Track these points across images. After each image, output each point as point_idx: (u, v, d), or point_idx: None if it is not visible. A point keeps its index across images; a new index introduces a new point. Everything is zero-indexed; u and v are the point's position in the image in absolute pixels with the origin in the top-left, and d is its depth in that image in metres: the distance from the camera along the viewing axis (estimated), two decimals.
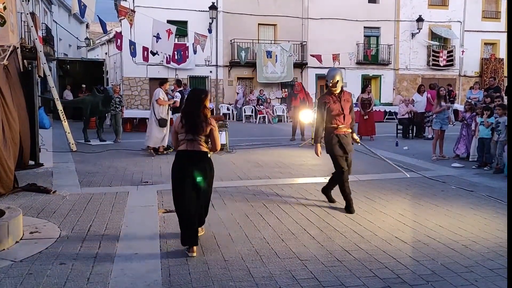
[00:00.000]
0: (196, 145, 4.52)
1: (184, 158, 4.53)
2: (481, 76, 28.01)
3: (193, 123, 4.49)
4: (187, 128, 4.50)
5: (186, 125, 4.51)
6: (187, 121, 4.51)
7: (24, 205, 6.12)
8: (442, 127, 10.41)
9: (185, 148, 4.52)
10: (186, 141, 4.52)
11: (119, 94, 14.08)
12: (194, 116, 4.51)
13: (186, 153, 4.52)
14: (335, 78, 6.01)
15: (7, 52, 8.02)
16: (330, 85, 6.05)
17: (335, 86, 6.03)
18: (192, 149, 4.51)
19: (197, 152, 4.52)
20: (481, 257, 4.40)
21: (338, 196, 6.87)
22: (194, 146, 4.51)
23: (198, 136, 4.51)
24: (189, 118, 4.52)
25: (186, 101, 4.72)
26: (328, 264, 4.20)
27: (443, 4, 27.96)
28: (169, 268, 4.07)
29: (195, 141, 4.51)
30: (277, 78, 24.84)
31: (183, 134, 4.54)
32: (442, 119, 10.41)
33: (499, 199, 6.60)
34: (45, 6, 26.37)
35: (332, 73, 6.08)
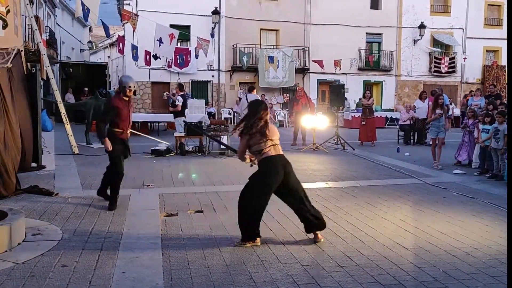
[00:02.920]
0: (277, 148, 4.88)
1: (276, 163, 4.80)
2: (483, 83, 28.04)
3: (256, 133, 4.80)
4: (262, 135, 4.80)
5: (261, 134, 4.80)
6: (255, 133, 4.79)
7: (26, 207, 6.13)
8: (438, 134, 10.23)
9: (271, 154, 4.81)
10: (270, 147, 4.82)
11: None
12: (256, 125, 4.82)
13: (276, 158, 4.83)
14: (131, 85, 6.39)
15: (11, 55, 8.05)
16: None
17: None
18: (279, 153, 4.87)
19: (283, 155, 4.92)
20: (482, 264, 4.40)
21: (340, 200, 6.88)
22: (278, 150, 4.87)
23: (275, 140, 4.87)
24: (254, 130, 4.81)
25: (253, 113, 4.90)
26: (330, 270, 4.20)
27: (446, 11, 28.03)
28: (170, 272, 4.07)
29: (276, 145, 4.87)
30: (278, 83, 24.90)
31: (262, 144, 4.80)
32: (437, 127, 10.21)
33: (500, 206, 6.60)
34: (48, 9, 26.48)
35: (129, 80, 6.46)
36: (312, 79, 26.28)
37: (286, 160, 4.87)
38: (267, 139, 4.78)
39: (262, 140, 4.79)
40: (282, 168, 4.78)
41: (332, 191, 7.70)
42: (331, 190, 7.75)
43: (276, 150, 4.84)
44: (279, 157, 4.83)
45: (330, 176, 9.08)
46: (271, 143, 4.81)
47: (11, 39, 8.89)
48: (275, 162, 4.79)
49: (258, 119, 4.81)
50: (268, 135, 4.79)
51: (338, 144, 13.67)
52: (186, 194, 7.20)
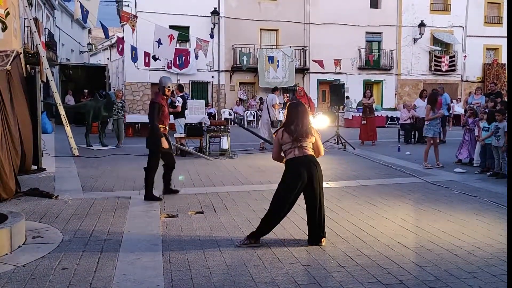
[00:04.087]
0: (304, 150, 4.81)
1: (300, 164, 4.76)
2: (483, 81, 28.02)
3: (304, 130, 4.81)
4: (297, 135, 4.78)
5: (297, 133, 4.78)
6: (297, 130, 4.79)
7: (27, 209, 6.12)
8: (435, 134, 10.13)
9: (295, 156, 4.78)
10: (294, 148, 4.80)
11: (122, 99, 14.11)
12: (305, 124, 4.84)
13: (300, 159, 4.78)
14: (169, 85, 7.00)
15: (10, 57, 8.05)
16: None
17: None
18: (305, 154, 4.80)
19: (311, 156, 4.84)
20: (484, 263, 4.38)
21: (341, 200, 6.87)
22: (304, 152, 4.80)
23: (307, 143, 4.83)
24: (299, 126, 4.82)
25: (291, 113, 4.92)
26: (331, 270, 4.18)
27: (445, 9, 28.02)
28: (171, 274, 4.06)
29: (303, 147, 4.81)
30: (278, 83, 24.84)
31: (289, 144, 4.80)
32: (434, 126, 10.11)
33: (502, 205, 6.58)
34: (48, 11, 26.49)
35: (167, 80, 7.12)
36: (312, 78, 26.28)
37: (312, 162, 4.81)
38: (294, 140, 4.77)
39: (290, 140, 4.80)
40: (305, 170, 4.73)
41: (333, 190, 7.69)
42: (332, 190, 7.73)
43: (301, 152, 4.79)
44: (303, 158, 4.77)
45: (331, 175, 9.06)
46: (296, 144, 4.77)
47: (10, 42, 8.89)
48: (296, 164, 4.77)
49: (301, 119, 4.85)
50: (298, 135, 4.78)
51: (339, 143, 13.66)
52: (187, 195, 7.20)
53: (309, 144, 4.85)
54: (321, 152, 5.04)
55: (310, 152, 4.85)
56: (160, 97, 6.87)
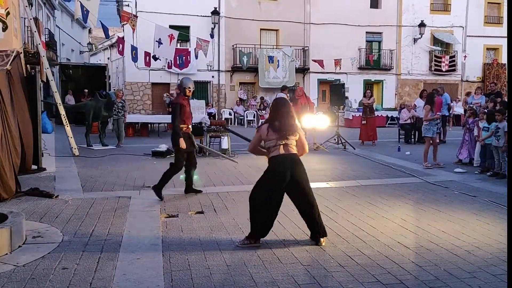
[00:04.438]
0: (289, 148, 4.77)
1: (283, 162, 4.74)
2: (483, 81, 28.02)
3: (288, 128, 4.76)
4: (282, 133, 4.74)
5: (281, 130, 4.74)
6: (281, 127, 4.74)
7: (27, 209, 6.13)
8: (434, 134, 10.08)
9: (279, 153, 4.75)
10: (278, 146, 4.75)
11: (122, 99, 14.11)
12: (289, 121, 4.79)
13: (284, 157, 4.74)
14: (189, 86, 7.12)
15: (10, 57, 8.05)
16: None
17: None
18: (288, 152, 4.76)
19: (293, 154, 4.80)
20: (484, 262, 4.39)
21: (341, 200, 6.87)
22: (288, 150, 4.76)
23: (291, 140, 4.78)
24: (284, 124, 4.76)
25: (275, 109, 4.90)
26: (331, 270, 4.19)
27: (445, 9, 28.01)
28: (171, 274, 4.07)
29: (288, 145, 4.77)
30: (279, 83, 24.81)
31: (274, 140, 4.75)
32: (433, 126, 10.05)
33: (502, 205, 6.58)
34: (48, 11, 26.49)
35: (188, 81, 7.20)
36: (313, 78, 26.28)
37: (295, 161, 4.80)
38: (280, 137, 4.74)
39: (274, 137, 4.76)
40: (289, 168, 4.72)
41: (333, 190, 7.69)
42: (332, 190, 7.74)
43: (286, 150, 4.76)
44: (287, 157, 4.75)
45: (331, 175, 9.07)
46: (281, 142, 4.74)
47: (11, 41, 8.89)
48: (280, 162, 4.74)
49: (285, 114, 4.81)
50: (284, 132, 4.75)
51: (339, 143, 13.66)
52: (187, 195, 7.20)
53: (293, 142, 4.82)
54: (306, 149, 5.00)
55: (294, 151, 4.82)
56: (181, 98, 7.07)
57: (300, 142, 4.91)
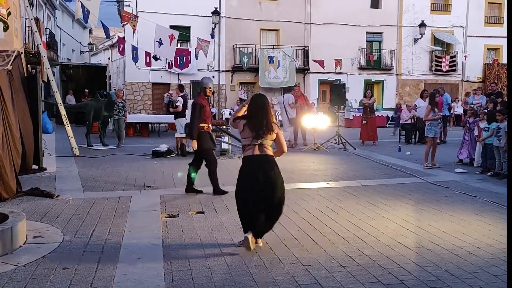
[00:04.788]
0: (263, 149, 4.61)
1: (254, 163, 4.62)
2: (484, 82, 27.99)
3: (263, 127, 4.60)
4: (256, 132, 4.59)
5: (255, 130, 4.59)
6: (256, 126, 4.60)
7: (28, 209, 6.13)
8: (436, 134, 10.09)
9: (253, 154, 4.62)
10: (253, 146, 4.60)
11: (122, 99, 14.11)
12: (264, 120, 4.61)
13: (255, 158, 4.61)
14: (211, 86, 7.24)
15: (11, 57, 8.05)
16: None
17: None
18: (261, 153, 4.61)
19: (266, 156, 4.63)
20: (485, 263, 4.38)
21: (342, 200, 6.86)
22: (262, 151, 4.61)
23: (266, 140, 4.62)
24: (258, 123, 4.61)
25: (252, 106, 4.75)
26: (331, 270, 4.18)
27: (446, 9, 27.99)
28: (172, 273, 4.06)
29: (263, 145, 4.61)
30: (279, 83, 24.88)
31: (249, 139, 4.61)
32: (436, 126, 10.05)
33: (502, 205, 6.58)
34: (49, 11, 26.50)
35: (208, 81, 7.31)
36: (313, 78, 26.27)
37: (269, 163, 4.62)
38: (255, 136, 4.58)
39: (250, 136, 4.61)
40: (261, 170, 4.57)
41: (333, 191, 7.69)
42: (332, 190, 7.73)
43: (260, 150, 4.59)
44: (260, 158, 4.60)
45: (332, 176, 9.07)
46: (256, 142, 4.58)
47: (12, 42, 8.89)
48: (253, 163, 4.62)
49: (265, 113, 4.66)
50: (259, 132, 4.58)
51: (339, 143, 13.66)
52: (187, 195, 7.20)
53: (269, 142, 4.66)
54: (284, 149, 4.83)
55: (269, 152, 4.65)
56: (201, 98, 7.17)
57: (278, 141, 4.77)
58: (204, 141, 7.09)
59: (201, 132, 7.06)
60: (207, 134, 7.14)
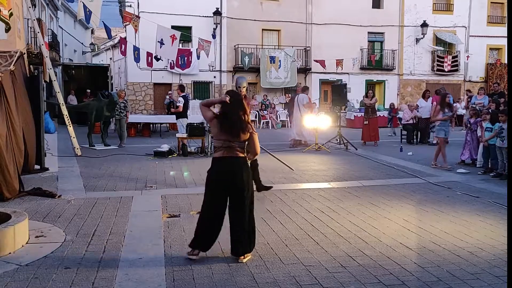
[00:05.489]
0: (234, 151, 4.39)
1: (222, 165, 4.41)
2: (486, 82, 27.92)
3: (233, 128, 4.37)
4: (226, 133, 4.37)
5: (225, 130, 4.37)
6: (226, 126, 4.38)
7: (30, 209, 6.14)
8: (446, 134, 10.05)
9: (222, 155, 4.40)
10: (224, 148, 4.39)
11: (124, 99, 14.12)
12: (235, 120, 4.39)
13: (224, 160, 4.40)
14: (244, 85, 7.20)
15: (14, 58, 8.08)
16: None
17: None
18: (230, 155, 4.39)
19: (235, 158, 4.40)
20: (487, 264, 4.38)
21: (343, 201, 6.86)
22: (232, 153, 4.39)
23: (237, 142, 4.40)
24: (229, 123, 4.38)
25: (224, 105, 4.51)
26: (332, 270, 4.18)
27: (448, 9, 27.93)
28: (173, 273, 4.07)
29: (233, 147, 4.39)
30: (280, 83, 24.87)
31: (221, 141, 4.40)
32: (446, 126, 10.02)
33: (505, 206, 6.56)
34: (51, 12, 26.54)
35: (242, 80, 7.28)
36: (314, 79, 26.24)
37: (239, 165, 4.40)
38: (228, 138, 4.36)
39: (222, 137, 4.39)
40: (230, 172, 4.37)
41: (335, 191, 7.69)
42: (334, 190, 7.73)
43: (231, 152, 4.37)
44: (230, 160, 4.38)
45: (333, 176, 9.06)
46: (228, 143, 4.36)
47: (14, 42, 8.91)
48: (222, 165, 4.40)
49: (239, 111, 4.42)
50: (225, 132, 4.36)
51: (341, 144, 13.65)
52: (189, 195, 7.20)
53: (241, 144, 4.42)
54: (257, 151, 4.60)
55: (240, 154, 4.42)
56: None
57: (251, 143, 4.52)
58: None
59: None
60: None
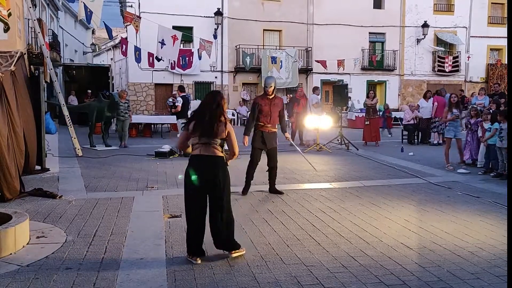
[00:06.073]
0: (210, 149, 4.34)
1: (198, 163, 4.37)
2: (487, 82, 27.93)
3: (208, 125, 4.30)
4: (201, 131, 4.31)
5: (200, 128, 4.32)
6: (201, 124, 4.32)
7: (31, 210, 6.15)
8: (456, 135, 9.98)
9: (199, 153, 4.36)
10: (200, 145, 4.34)
11: (126, 99, 14.11)
12: (210, 117, 4.31)
13: (200, 157, 4.36)
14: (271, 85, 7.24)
15: (14, 58, 8.08)
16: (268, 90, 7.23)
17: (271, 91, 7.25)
18: (207, 153, 4.34)
19: (212, 156, 4.35)
20: (487, 263, 4.38)
21: (344, 201, 6.86)
22: (208, 151, 4.34)
23: (213, 140, 4.32)
24: (204, 120, 4.32)
25: (201, 103, 4.54)
26: (334, 270, 4.19)
27: (449, 9, 27.95)
28: (174, 273, 4.07)
29: (210, 145, 4.33)
30: (282, 83, 24.85)
31: (197, 138, 4.35)
32: (455, 127, 9.95)
33: (505, 205, 6.56)
34: (51, 12, 26.58)
35: (269, 80, 7.35)
36: (316, 79, 26.25)
37: (216, 164, 4.35)
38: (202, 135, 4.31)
39: (195, 134, 4.35)
40: (207, 170, 4.32)
41: (336, 191, 7.69)
42: (335, 191, 7.73)
43: (208, 150, 4.32)
44: (207, 158, 4.33)
45: (334, 176, 9.06)
46: (205, 140, 4.31)
47: (15, 42, 8.93)
48: (198, 162, 4.36)
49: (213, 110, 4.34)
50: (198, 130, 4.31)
51: (342, 144, 13.65)
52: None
53: (218, 141, 4.34)
54: (235, 151, 4.49)
55: (218, 153, 4.36)
56: (260, 97, 7.39)
57: (229, 143, 4.46)
58: (252, 139, 7.34)
59: (257, 130, 7.29)
60: (258, 133, 7.26)
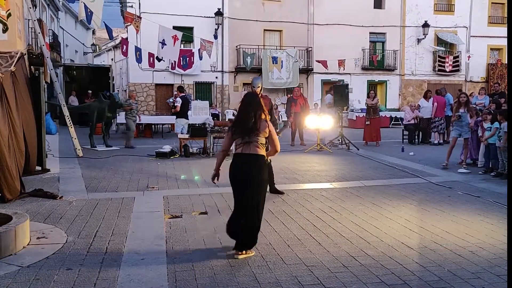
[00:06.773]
0: (252, 147, 4.47)
1: (237, 161, 4.53)
2: (487, 82, 27.90)
3: (249, 124, 4.47)
4: (242, 129, 4.49)
5: (241, 127, 4.50)
6: (243, 123, 4.50)
7: (31, 210, 6.15)
8: (462, 135, 9.87)
9: (240, 152, 4.51)
10: (243, 144, 4.49)
11: (135, 100, 14.03)
12: (250, 116, 4.48)
13: (240, 156, 4.51)
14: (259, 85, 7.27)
15: (14, 59, 8.08)
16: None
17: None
18: (247, 152, 4.48)
19: (251, 155, 4.48)
20: (488, 263, 4.38)
21: (345, 201, 6.86)
22: (249, 149, 4.47)
23: (255, 138, 4.47)
24: (245, 120, 4.50)
25: (240, 104, 4.70)
26: (334, 270, 4.19)
27: (449, 9, 27.93)
28: (175, 274, 4.07)
29: (251, 143, 4.47)
30: (282, 83, 24.87)
31: (240, 138, 4.52)
32: (460, 127, 9.85)
33: (506, 205, 6.55)
34: (52, 12, 26.58)
35: (256, 81, 7.36)
36: (316, 79, 26.25)
37: (254, 162, 4.47)
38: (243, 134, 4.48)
39: (238, 135, 4.53)
40: (245, 168, 4.47)
41: (336, 191, 7.69)
42: (335, 191, 7.73)
43: (248, 149, 4.46)
44: (247, 156, 4.47)
45: (335, 176, 9.06)
46: (245, 140, 4.46)
47: (15, 43, 8.94)
48: (239, 160, 4.53)
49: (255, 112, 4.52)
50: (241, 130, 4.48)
51: (343, 144, 13.64)
52: (191, 196, 7.21)
53: (260, 139, 4.50)
54: (277, 148, 4.68)
55: (259, 152, 4.49)
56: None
57: (270, 140, 4.64)
58: None
59: None
60: None
